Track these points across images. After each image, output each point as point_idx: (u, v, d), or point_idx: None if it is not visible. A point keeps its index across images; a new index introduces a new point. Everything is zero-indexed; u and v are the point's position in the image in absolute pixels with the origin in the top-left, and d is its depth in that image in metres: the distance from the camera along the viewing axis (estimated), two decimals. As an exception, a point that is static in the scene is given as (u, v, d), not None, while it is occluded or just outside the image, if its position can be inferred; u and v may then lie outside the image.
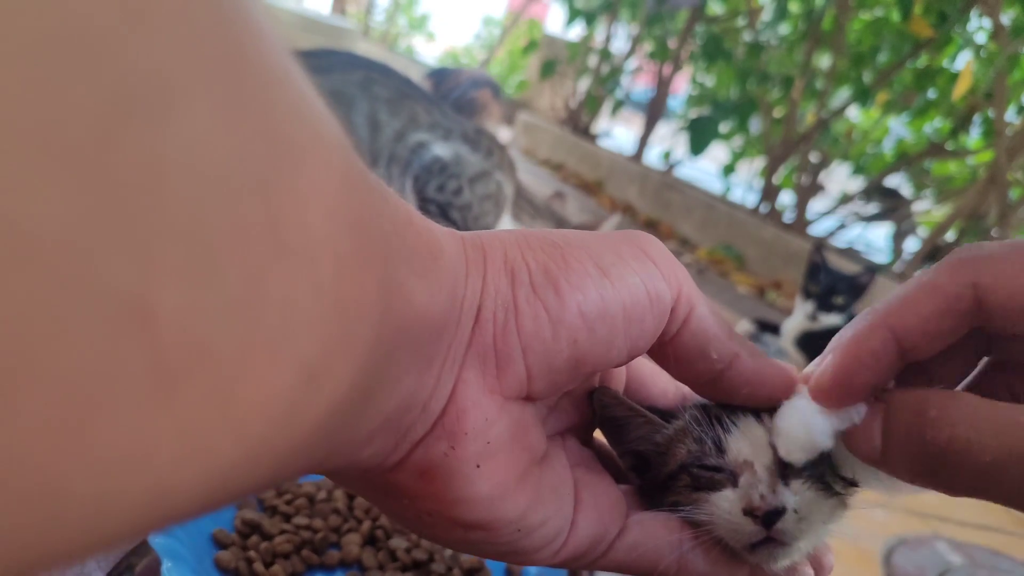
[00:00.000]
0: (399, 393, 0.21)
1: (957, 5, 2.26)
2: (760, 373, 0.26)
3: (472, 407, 0.23)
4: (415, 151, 1.26)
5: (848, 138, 2.99)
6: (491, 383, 0.23)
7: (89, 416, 0.11)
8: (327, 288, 0.16)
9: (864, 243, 3.19)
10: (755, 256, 2.45)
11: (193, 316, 0.12)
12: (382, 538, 0.50)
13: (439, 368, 0.22)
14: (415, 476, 0.23)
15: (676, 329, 0.25)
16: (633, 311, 0.24)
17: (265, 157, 0.14)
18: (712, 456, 0.28)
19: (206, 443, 0.13)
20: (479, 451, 0.23)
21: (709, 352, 0.26)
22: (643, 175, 3.13)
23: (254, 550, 0.46)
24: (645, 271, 0.24)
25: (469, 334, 0.23)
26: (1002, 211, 2.10)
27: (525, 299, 0.23)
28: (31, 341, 0.10)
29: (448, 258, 0.22)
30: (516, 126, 4.09)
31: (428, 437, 0.23)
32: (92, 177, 0.10)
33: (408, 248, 0.20)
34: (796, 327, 1.49)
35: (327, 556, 0.48)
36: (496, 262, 0.23)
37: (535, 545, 0.25)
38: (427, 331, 0.21)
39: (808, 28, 2.72)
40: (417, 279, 0.20)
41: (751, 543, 0.26)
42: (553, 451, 0.27)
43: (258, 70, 0.14)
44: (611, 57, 3.71)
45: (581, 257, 0.24)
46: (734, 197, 3.28)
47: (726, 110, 2.97)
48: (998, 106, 2.06)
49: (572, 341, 0.23)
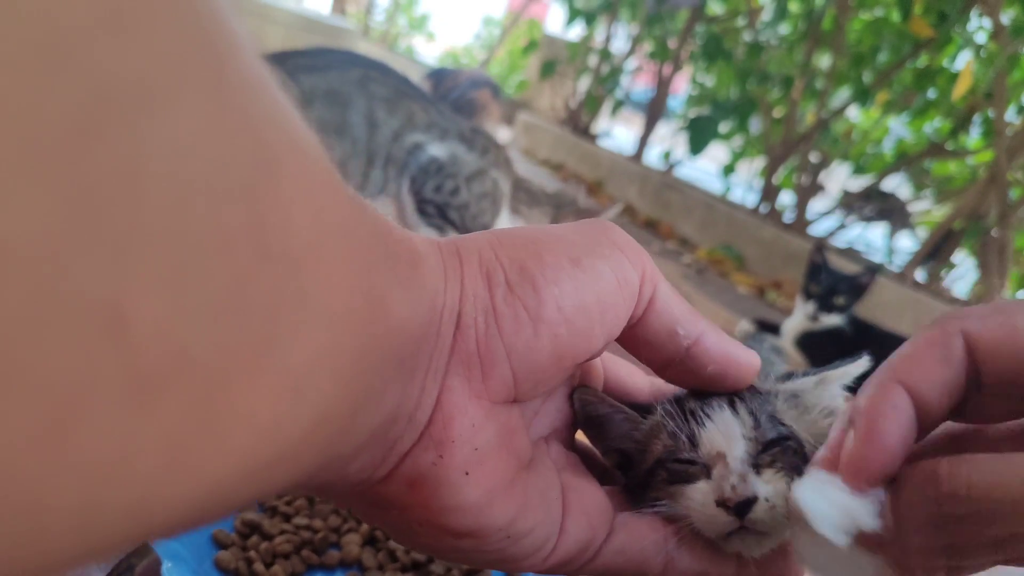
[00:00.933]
0: (384, 406, 0.21)
1: (957, 5, 2.26)
2: (724, 349, 0.27)
3: (458, 414, 0.23)
4: (412, 152, 1.26)
5: (848, 138, 2.99)
6: (477, 388, 0.23)
7: (68, 425, 0.11)
8: (311, 295, 0.15)
9: (864, 243, 3.19)
10: (755, 256, 2.45)
11: (172, 323, 0.12)
12: (382, 538, 0.50)
13: (422, 378, 0.22)
14: (404, 487, 0.23)
15: (642, 311, 0.26)
16: (606, 299, 0.24)
17: (246, 162, 0.13)
18: (686, 450, 0.28)
19: (189, 453, 0.13)
20: (467, 458, 0.23)
21: (676, 329, 0.26)
22: (643, 175, 3.13)
23: (254, 550, 0.46)
24: (613, 258, 0.25)
25: (451, 342, 0.23)
26: (1002, 211, 2.10)
27: (503, 299, 0.23)
28: (7, 349, 0.10)
29: (427, 267, 0.22)
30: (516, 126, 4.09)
31: (415, 448, 0.23)
32: (66, 184, 0.10)
33: (390, 257, 0.20)
34: (796, 327, 1.49)
35: (327, 556, 0.48)
36: (472, 266, 0.23)
37: (525, 551, 0.25)
38: (409, 342, 0.21)
39: (808, 28, 2.73)
40: (399, 289, 0.20)
41: (726, 532, 0.27)
42: (539, 456, 0.27)
43: (237, 77, 0.13)
44: (611, 57, 3.71)
45: (554, 250, 0.24)
46: (734, 197, 3.28)
47: (726, 110, 2.97)
48: (998, 106, 2.06)
49: (553, 336, 0.23)
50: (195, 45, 0.12)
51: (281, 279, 0.14)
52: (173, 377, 0.12)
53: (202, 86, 0.12)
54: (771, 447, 0.27)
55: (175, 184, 0.12)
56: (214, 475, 0.14)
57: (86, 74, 0.10)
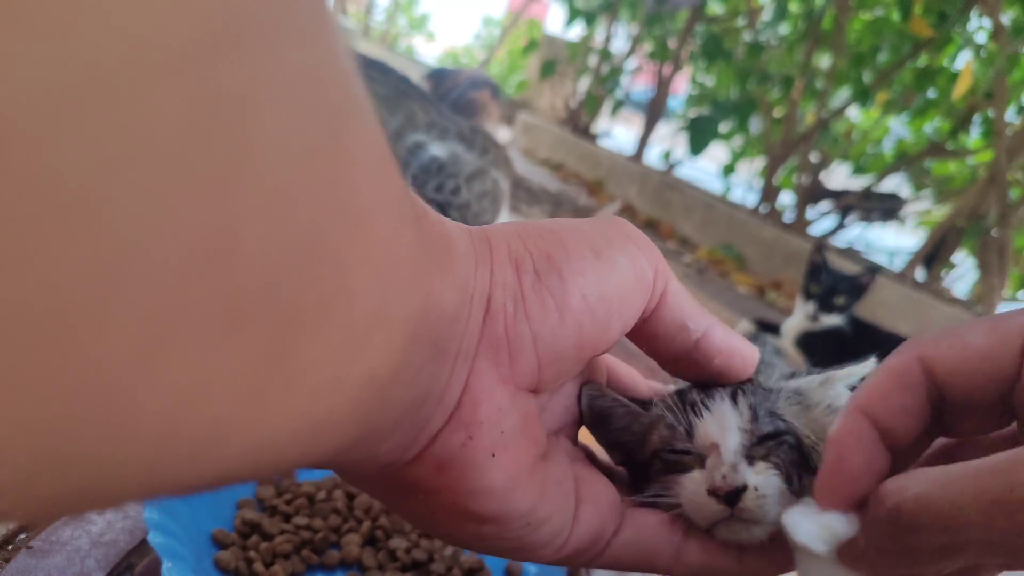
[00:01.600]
0: (419, 382, 0.21)
1: (957, 5, 2.26)
2: (730, 343, 0.28)
3: (486, 397, 0.23)
4: (412, 152, 1.26)
5: (848, 138, 2.99)
6: (504, 373, 0.24)
7: (160, 345, 0.11)
8: (374, 251, 0.16)
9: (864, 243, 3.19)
10: (755, 256, 2.45)
11: (267, 257, 0.12)
12: (382, 538, 0.50)
13: (452, 360, 0.22)
14: (432, 470, 0.23)
15: (655, 305, 0.27)
16: (624, 291, 0.25)
17: (332, 111, 0.14)
18: (681, 440, 0.29)
19: (259, 394, 0.13)
20: (494, 440, 0.23)
21: (686, 323, 0.27)
22: (643, 175, 3.13)
23: (254, 550, 0.46)
24: (629, 251, 0.26)
25: (480, 326, 0.23)
26: (1002, 211, 2.10)
27: (531, 287, 0.24)
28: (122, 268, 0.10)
29: (459, 251, 0.22)
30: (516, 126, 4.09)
31: (444, 430, 0.23)
32: (198, 92, 0.10)
33: (427, 237, 0.20)
34: (796, 327, 1.49)
35: (327, 556, 0.48)
36: (501, 254, 0.24)
37: (543, 539, 0.26)
38: (443, 321, 0.21)
39: (808, 28, 2.72)
40: (435, 267, 0.20)
41: (716, 520, 0.27)
42: (553, 447, 0.27)
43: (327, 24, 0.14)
44: (611, 57, 3.71)
45: (578, 241, 0.25)
46: (734, 197, 3.28)
47: (726, 110, 2.97)
48: (998, 106, 2.06)
49: (578, 325, 0.24)
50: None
51: (352, 231, 0.15)
52: (257, 312, 0.12)
53: (304, 27, 0.13)
54: (766, 440, 0.28)
55: (280, 114, 0.12)
56: (274, 424, 0.14)
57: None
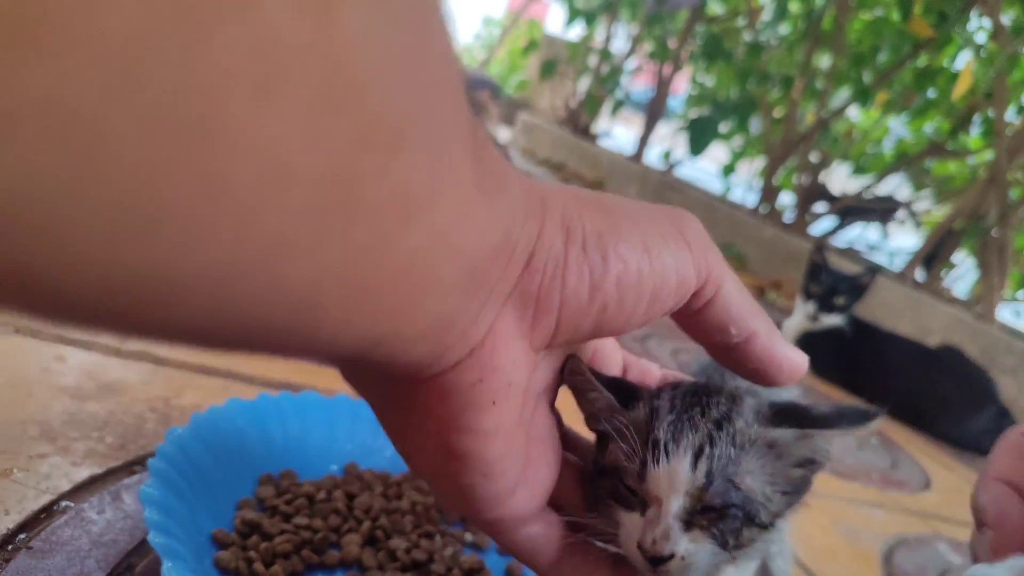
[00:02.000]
0: (447, 304, 0.21)
1: (957, 5, 2.26)
2: (769, 354, 0.28)
3: (504, 346, 0.24)
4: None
5: (848, 138, 2.99)
6: (525, 329, 0.24)
7: None
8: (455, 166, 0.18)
9: (864, 243, 3.19)
10: (755, 256, 2.45)
11: (398, 96, 0.15)
12: (382, 538, 0.50)
13: (484, 299, 0.23)
14: (436, 396, 0.24)
15: (700, 306, 0.27)
16: (660, 292, 0.25)
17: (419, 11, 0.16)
18: (633, 479, 0.29)
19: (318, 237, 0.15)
20: (500, 389, 0.24)
21: (729, 327, 0.27)
22: (643, 175, 3.13)
23: (254, 550, 0.46)
24: (680, 255, 0.26)
25: (517, 277, 0.24)
26: (1002, 211, 2.10)
27: (575, 257, 0.24)
28: None
29: (511, 197, 0.23)
30: (516, 126, 4.09)
31: (462, 364, 0.24)
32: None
33: (485, 168, 0.21)
34: (797, 327, 1.49)
35: (327, 556, 0.48)
36: (555, 217, 0.24)
37: (486, 495, 0.26)
38: (480, 256, 0.21)
39: (808, 28, 2.72)
40: (484, 199, 0.21)
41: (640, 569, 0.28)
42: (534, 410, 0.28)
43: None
44: (611, 57, 3.71)
45: (632, 229, 0.25)
46: (734, 197, 3.28)
47: (726, 110, 2.97)
48: (998, 106, 2.06)
49: (602, 306, 0.24)
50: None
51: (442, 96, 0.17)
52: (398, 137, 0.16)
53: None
54: (710, 512, 0.28)
55: None
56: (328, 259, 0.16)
57: None
